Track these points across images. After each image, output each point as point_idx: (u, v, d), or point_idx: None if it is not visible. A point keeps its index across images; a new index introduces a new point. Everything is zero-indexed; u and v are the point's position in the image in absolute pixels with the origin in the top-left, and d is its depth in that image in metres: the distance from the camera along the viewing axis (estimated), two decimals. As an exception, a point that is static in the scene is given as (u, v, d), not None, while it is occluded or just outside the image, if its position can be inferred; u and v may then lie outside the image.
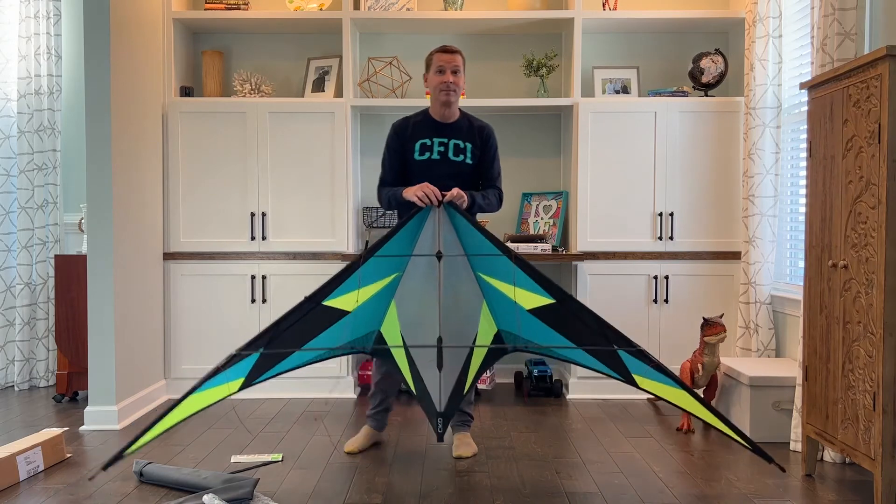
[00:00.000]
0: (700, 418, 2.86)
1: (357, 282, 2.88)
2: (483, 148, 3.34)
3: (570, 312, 2.86)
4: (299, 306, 2.83)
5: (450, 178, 3.23)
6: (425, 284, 3.00)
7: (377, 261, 2.91)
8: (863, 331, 2.67)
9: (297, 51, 4.77)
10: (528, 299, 2.91)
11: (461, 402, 3.03)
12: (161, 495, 2.84)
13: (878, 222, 2.57)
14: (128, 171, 3.93)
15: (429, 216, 2.95)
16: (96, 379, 3.76)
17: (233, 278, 4.38)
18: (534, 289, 2.86)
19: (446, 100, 3.25)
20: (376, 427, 3.45)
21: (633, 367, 2.82)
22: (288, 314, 2.83)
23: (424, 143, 3.29)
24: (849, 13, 3.08)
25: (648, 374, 2.78)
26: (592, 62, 4.67)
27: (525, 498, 2.80)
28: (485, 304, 3.07)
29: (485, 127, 3.37)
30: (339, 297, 2.90)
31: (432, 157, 3.28)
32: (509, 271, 2.88)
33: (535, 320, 2.94)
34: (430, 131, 3.30)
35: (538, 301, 2.89)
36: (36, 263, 4.68)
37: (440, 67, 3.24)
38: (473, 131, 3.34)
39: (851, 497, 2.83)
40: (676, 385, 2.76)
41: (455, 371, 2.99)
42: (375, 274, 2.96)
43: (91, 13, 3.72)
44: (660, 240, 4.32)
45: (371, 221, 4.58)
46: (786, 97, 3.99)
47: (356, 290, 2.90)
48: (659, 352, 4.31)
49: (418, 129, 3.32)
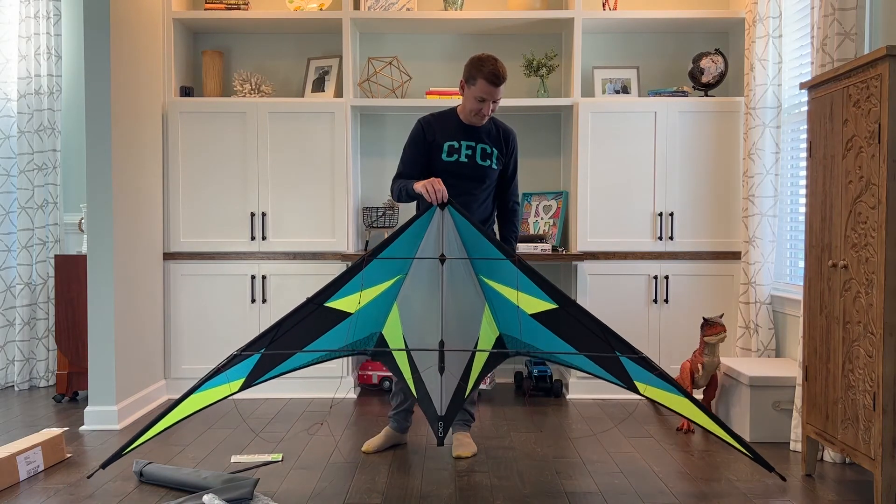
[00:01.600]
0: (702, 426, 2.87)
1: (359, 284, 2.88)
2: (508, 154, 3.35)
3: (572, 317, 2.86)
4: (301, 307, 2.84)
5: (475, 180, 3.25)
6: (428, 287, 3.00)
7: (380, 263, 2.91)
8: (863, 331, 2.67)
9: (297, 51, 4.77)
10: (531, 304, 2.91)
11: (462, 406, 3.03)
12: (161, 495, 2.84)
13: (878, 222, 2.57)
14: (128, 171, 3.93)
15: (432, 219, 2.92)
16: (96, 379, 3.76)
17: (233, 278, 4.38)
18: (536, 293, 2.87)
19: (479, 123, 3.25)
20: (397, 428, 3.42)
21: (634, 373, 2.84)
22: (289, 315, 2.83)
23: (452, 144, 3.25)
24: (849, 13, 3.08)
25: (650, 381, 2.81)
26: (592, 62, 4.67)
27: (525, 498, 2.80)
28: (487, 307, 3.06)
29: (510, 132, 3.37)
30: (341, 299, 2.91)
31: (460, 159, 3.24)
32: (512, 275, 2.88)
33: (537, 325, 2.94)
34: (458, 133, 3.27)
35: (540, 306, 2.90)
36: (36, 263, 4.68)
37: (482, 97, 3.15)
38: (500, 137, 3.33)
39: (851, 497, 2.83)
40: (678, 392, 2.78)
41: (456, 375, 2.98)
42: (378, 276, 2.96)
43: (91, 13, 3.72)
44: (660, 240, 4.32)
45: (371, 221, 4.57)
46: (786, 97, 3.99)
47: (358, 291, 2.90)
48: (659, 352, 4.32)
49: (447, 129, 3.27)
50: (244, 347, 2.81)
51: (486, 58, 3.17)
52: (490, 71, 3.11)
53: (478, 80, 3.13)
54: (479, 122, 3.23)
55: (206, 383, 2.80)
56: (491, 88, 3.13)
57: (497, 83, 3.14)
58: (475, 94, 3.15)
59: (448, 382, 2.93)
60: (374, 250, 2.88)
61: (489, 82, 3.12)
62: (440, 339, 2.89)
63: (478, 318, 3.06)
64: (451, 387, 2.95)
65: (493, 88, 3.14)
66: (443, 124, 3.28)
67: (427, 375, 2.97)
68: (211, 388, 2.83)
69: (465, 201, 3.14)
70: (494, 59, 3.16)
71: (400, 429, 3.42)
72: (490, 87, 3.13)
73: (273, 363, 2.91)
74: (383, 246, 2.88)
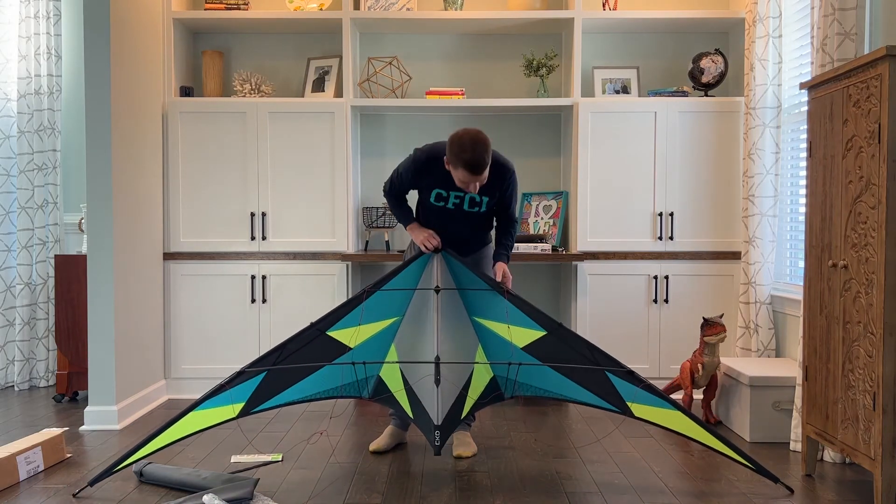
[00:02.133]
0: (701, 442, 2.86)
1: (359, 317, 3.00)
2: (503, 190, 3.18)
3: (561, 341, 2.96)
4: (304, 332, 2.95)
5: (461, 223, 3.23)
6: (425, 326, 3.08)
7: (379, 299, 3.02)
8: (863, 331, 2.67)
9: (297, 51, 4.76)
10: (522, 336, 3.02)
11: (459, 422, 3.07)
12: (161, 495, 2.84)
13: (878, 222, 2.57)
14: (128, 171, 3.93)
15: (429, 261, 3.07)
16: (96, 379, 3.76)
17: (233, 278, 4.38)
18: (526, 323, 2.98)
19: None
20: (400, 425, 3.43)
21: (625, 392, 2.89)
22: (293, 338, 2.94)
23: (440, 192, 3.16)
24: (849, 13, 3.08)
25: (641, 398, 2.85)
26: (592, 62, 4.66)
27: (525, 498, 2.80)
28: (480, 348, 3.15)
29: (505, 170, 3.15)
30: (341, 330, 3.02)
31: (447, 206, 3.19)
32: (502, 310, 2.99)
33: (529, 358, 3.03)
34: (447, 184, 3.12)
35: (531, 336, 3.00)
36: (36, 263, 4.68)
37: (462, 181, 2.97)
38: (493, 181, 3.12)
39: (851, 497, 2.83)
40: (671, 406, 2.83)
41: (457, 385, 3.04)
42: (377, 313, 3.06)
43: (91, 13, 3.72)
44: (660, 240, 4.32)
45: (371, 221, 4.57)
46: (786, 97, 3.99)
47: (357, 325, 3.02)
48: (659, 352, 4.32)
49: (436, 177, 3.13)
50: (250, 365, 2.87)
51: (467, 143, 2.89)
52: (467, 161, 2.88)
53: (458, 168, 2.92)
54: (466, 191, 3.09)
55: (210, 400, 2.84)
56: (471, 176, 2.92)
57: (477, 172, 2.91)
58: (457, 178, 2.99)
59: (446, 392, 2.98)
60: (374, 284, 3.01)
61: (469, 171, 2.91)
62: (436, 355, 2.97)
63: (471, 356, 3.14)
64: (448, 401, 3.00)
65: (473, 176, 2.92)
66: (435, 169, 3.10)
67: (421, 386, 3.01)
68: (214, 406, 2.87)
69: (456, 229, 3.20)
70: (473, 146, 2.88)
71: (402, 426, 3.44)
72: (470, 175, 2.92)
73: (274, 390, 2.98)
74: (383, 281, 3.03)
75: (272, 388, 2.97)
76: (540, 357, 3.00)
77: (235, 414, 2.90)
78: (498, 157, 3.12)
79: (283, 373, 2.95)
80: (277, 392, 2.98)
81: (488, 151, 2.92)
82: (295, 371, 2.98)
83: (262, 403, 2.96)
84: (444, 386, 2.96)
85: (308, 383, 3.03)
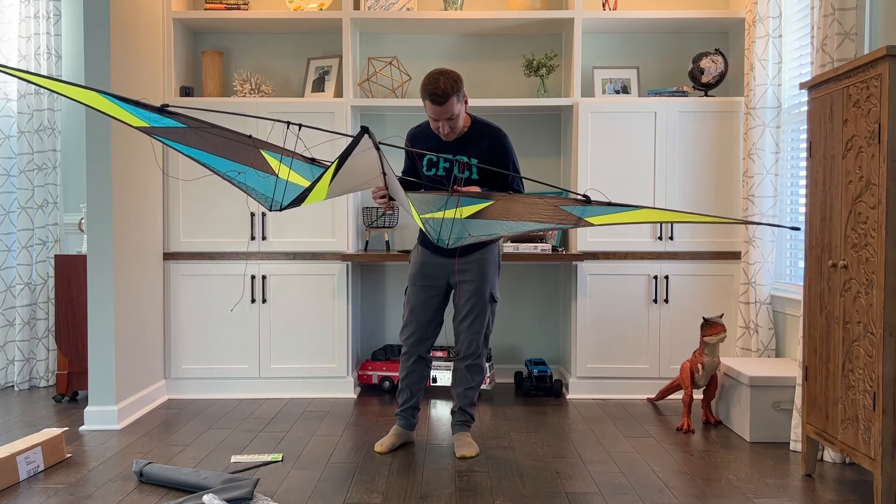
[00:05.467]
0: (672, 221, 2.66)
1: (288, 160, 2.66)
2: (493, 154, 3.18)
3: (510, 200, 2.73)
4: (240, 135, 2.57)
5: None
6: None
7: (303, 167, 2.70)
8: (863, 331, 2.67)
9: (297, 51, 4.76)
10: (467, 211, 2.77)
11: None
12: (161, 495, 2.84)
13: (878, 222, 2.57)
14: (128, 171, 3.93)
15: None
16: (96, 379, 3.76)
17: (233, 278, 4.38)
18: (475, 203, 2.74)
19: (445, 139, 3.12)
20: (405, 426, 3.43)
21: (580, 212, 2.62)
22: (229, 132, 2.55)
23: (430, 159, 3.20)
24: (849, 13, 3.08)
25: (599, 211, 2.60)
26: (592, 62, 4.66)
27: (525, 498, 2.80)
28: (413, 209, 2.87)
29: (490, 130, 3.20)
30: (273, 157, 2.67)
31: (438, 172, 3.20)
32: (453, 204, 2.74)
33: (476, 221, 2.79)
34: (434, 146, 3.18)
35: (476, 208, 2.76)
36: (36, 263, 4.68)
37: (433, 117, 3.01)
38: (481, 142, 3.16)
39: (851, 497, 2.83)
40: (631, 208, 2.54)
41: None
42: (306, 173, 2.76)
43: (91, 13, 3.72)
44: (660, 240, 4.32)
45: (371, 221, 4.57)
46: (786, 97, 3.99)
47: (279, 161, 2.66)
48: (659, 352, 4.32)
49: (425, 143, 3.20)
50: (178, 114, 2.48)
51: (431, 74, 2.96)
52: (429, 91, 2.90)
53: (425, 101, 2.96)
54: (446, 138, 3.12)
55: (129, 104, 2.46)
56: (436, 108, 2.94)
57: (438, 101, 2.92)
58: (429, 117, 3.01)
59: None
60: (311, 159, 2.70)
61: (431, 102, 2.94)
62: (365, 126, 2.42)
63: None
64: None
65: (437, 108, 2.93)
66: (424, 135, 3.22)
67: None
68: (128, 110, 2.50)
69: None
70: (436, 76, 2.94)
71: (408, 426, 3.43)
72: (434, 107, 2.94)
73: (186, 141, 2.61)
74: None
75: (185, 139, 2.62)
76: (488, 219, 2.77)
77: (136, 124, 2.53)
78: (486, 119, 3.22)
79: (200, 136, 2.60)
80: (187, 145, 2.63)
81: (452, 83, 2.93)
82: (214, 142, 2.61)
83: (167, 138, 2.61)
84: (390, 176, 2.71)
85: (219, 161, 2.69)
